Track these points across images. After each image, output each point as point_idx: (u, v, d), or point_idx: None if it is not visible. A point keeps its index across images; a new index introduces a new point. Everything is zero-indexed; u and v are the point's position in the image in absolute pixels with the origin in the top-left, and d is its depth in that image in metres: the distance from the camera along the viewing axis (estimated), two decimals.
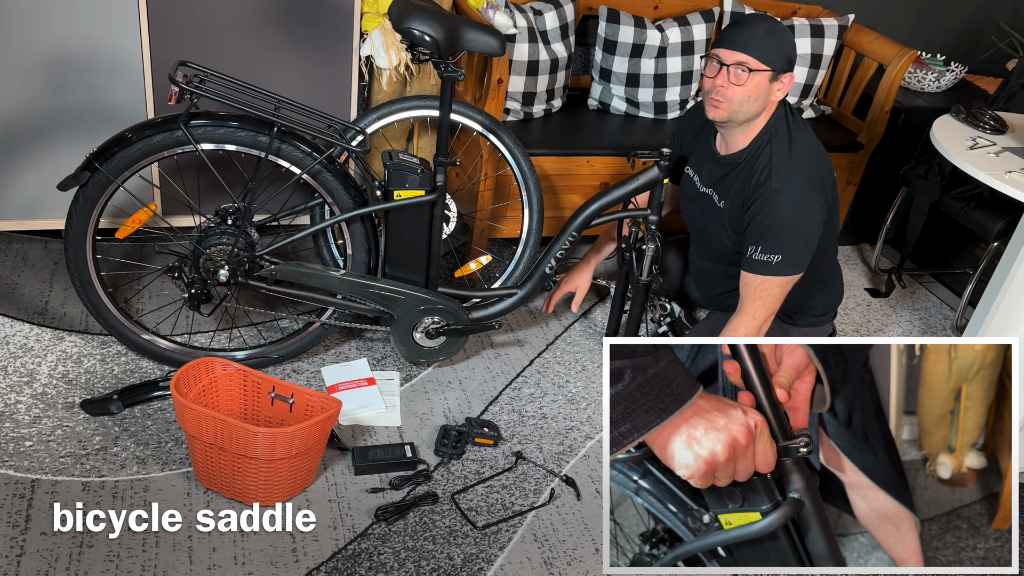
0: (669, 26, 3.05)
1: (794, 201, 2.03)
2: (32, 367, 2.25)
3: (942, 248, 3.56)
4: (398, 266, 2.32)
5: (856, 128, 3.22)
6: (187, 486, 1.98)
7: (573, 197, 2.87)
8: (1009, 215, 2.83)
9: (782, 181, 2.04)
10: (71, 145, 2.48)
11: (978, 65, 3.89)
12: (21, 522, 1.83)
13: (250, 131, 2.10)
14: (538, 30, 2.86)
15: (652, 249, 2.39)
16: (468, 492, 2.09)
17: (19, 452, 1.99)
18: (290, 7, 2.52)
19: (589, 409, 2.41)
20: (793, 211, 2.03)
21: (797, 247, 2.06)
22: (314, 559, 1.85)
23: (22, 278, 2.58)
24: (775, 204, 2.03)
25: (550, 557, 1.95)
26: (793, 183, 2.03)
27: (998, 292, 2.45)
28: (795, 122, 2.12)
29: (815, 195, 2.04)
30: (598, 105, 3.11)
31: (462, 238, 3.02)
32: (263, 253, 2.20)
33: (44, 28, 2.33)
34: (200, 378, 2.01)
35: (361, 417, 2.25)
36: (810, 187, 2.04)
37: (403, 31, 2.04)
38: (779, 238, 2.04)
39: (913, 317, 3.11)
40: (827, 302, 2.37)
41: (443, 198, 2.26)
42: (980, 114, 2.66)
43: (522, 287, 2.44)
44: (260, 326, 2.53)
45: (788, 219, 2.03)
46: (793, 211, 2.03)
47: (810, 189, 2.04)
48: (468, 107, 2.53)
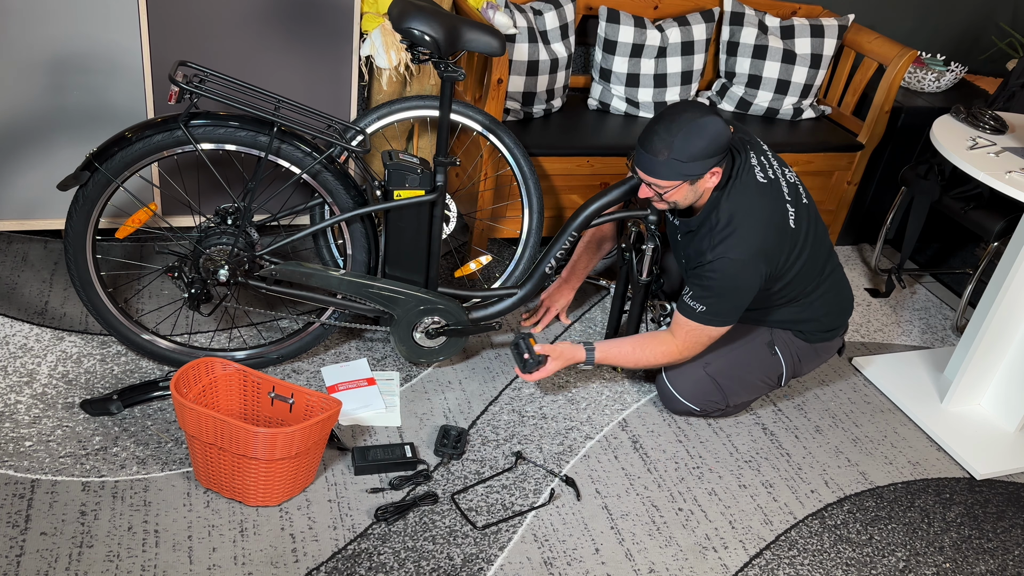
0: (669, 26, 3.05)
1: (730, 269, 2.08)
2: (32, 367, 2.25)
3: (942, 248, 3.56)
4: (398, 266, 2.32)
5: (856, 128, 3.22)
6: (187, 486, 1.98)
7: (573, 197, 2.87)
8: (1009, 215, 2.83)
9: (724, 250, 2.08)
10: (71, 145, 2.48)
11: (978, 65, 3.89)
12: (21, 522, 1.83)
13: (250, 131, 2.10)
14: (538, 30, 2.86)
15: (652, 249, 2.39)
16: (468, 492, 2.09)
17: (19, 452, 1.99)
18: (290, 7, 2.52)
19: (589, 409, 2.41)
20: (724, 276, 2.09)
21: (722, 306, 2.14)
22: (314, 559, 1.85)
23: (22, 278, 2.58)
24: (713, 267, 2.10)
25: (550, 557, 1.95)
26: (733, 253, 2.07)
27: (998, 292, 2.46)
28: (744, 191, 2.10)
29: (753, 264, 2.08)
30: (598, 105, 3.11)
31: (462, 238, 3.02)
32: (263, 253, 2.20)
33: (44, 28, 2.33)
34: (200, 378, 2.01)
35: (361, 417, 2.25)
36: (748, 256, 2.07)
37: (403, 31, 2.04)
38: (708, 292, 2.12)
39: (913, 317, 3.11)
40: (833, 318, 2.37)
41: (443, 198, 2.26)
42: (980, 114, 2.66)
43: (522, 287, 2.44)
44: (260, 326, 2.53)
45: (720, 282, 2.10)
46: (724, 276, 2.09)
47: (748, 258, 2.08)
48: (468, 107, 2.53)
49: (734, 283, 2.09)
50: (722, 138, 2.00)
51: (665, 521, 2.09)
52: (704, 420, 2.44)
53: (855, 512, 2.22)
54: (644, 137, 2.03)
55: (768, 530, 2.12)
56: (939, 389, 2.69)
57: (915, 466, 2.41)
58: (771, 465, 2.32)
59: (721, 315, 2.15)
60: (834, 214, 3.28)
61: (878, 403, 2.63)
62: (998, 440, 2.54)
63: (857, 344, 2.90)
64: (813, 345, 2.38)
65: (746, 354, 2.35)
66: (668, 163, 2.00)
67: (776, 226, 2.10)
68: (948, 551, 2.15)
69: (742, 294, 2.12)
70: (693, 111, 1.99)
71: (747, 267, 2.08)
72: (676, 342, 2.24)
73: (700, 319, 2.16)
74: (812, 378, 2.68)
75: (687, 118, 1.98)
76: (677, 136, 1.98)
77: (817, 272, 2.26)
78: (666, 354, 2.25)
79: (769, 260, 2.11)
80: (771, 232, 2.09)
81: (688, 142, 1.98)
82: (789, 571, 2.02)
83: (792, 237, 2.14)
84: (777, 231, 2.10)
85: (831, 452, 2.41)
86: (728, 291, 2.10)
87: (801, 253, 2.18)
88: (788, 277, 2.20)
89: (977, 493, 2.35)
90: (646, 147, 2.02)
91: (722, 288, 2.10)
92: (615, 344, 2.29)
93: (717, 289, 2.10)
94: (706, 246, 2.12)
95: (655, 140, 2.00)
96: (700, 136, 1.98)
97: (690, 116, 1.98)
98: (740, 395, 2.38)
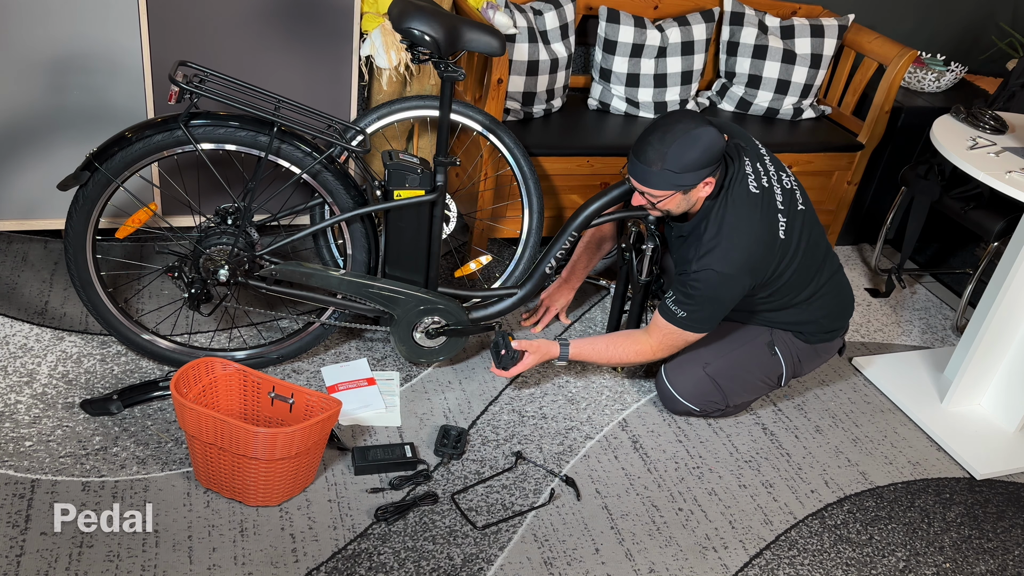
0: (669, 26, 3.05)
1: (713, 280, 2.10)
2: (32, 367, 2.25)
3: (942, 248, 3.56)
4: (398, 266, 2.32)
5: (856, 128, 3.22)
6: (187, 486, 1.97)
7: (573, 197, 2.87)
8: (1009, 215, 2.83)
9: (709, 261, 2.09)
10: (71, 145, 2.48)
11: (978, 65, 3.89)
12: (21, 522, 1.83)
13: (250, 131, 2.10)
14: (538, 30, 2.86)
15: (652, 249, 2.39)
16: (468, 492, 2.09)
17: (19, 452, 1.99)
18: (290, 7, 2.52)
19: (589, 409, 2.41)
20: (707, 287, 2.11)
21: (702, 314, 2.16)
22: (314, 559, 1.85)
23: (22, 278, 2.58)
24: (697, 277, 2.12)
25: (550, 557, 1.95)
26: (717, 266, 2.09)
27: (998, 292, 2.46)
28: (734, 203, 2.10)
29: (737, 277, 2.10)
30: (598, 105, 3.11)
31: (462, 238, 3.02)
32: (263, 253, 2.20)
33: (44, 28, 2.33)
34: (200, 378, 2.01)
35: (361, 417, 2.25)
36: (733, 270, 2.09)
37: (403, 31, 2.04)
38: (690, 299, 2.14)
39: (913, 317, 3.11)
40: (833, 320, 2.37)
41: (443, 198, 2.26)
42: (980, 114, 2.66)
43: (522, 287, 2.44)
44: (260, 326, 2.53)
45: (702, 292, 2.12)
46: (707, 287, 2.11)
47: (733, 272, 2.09)
48: (468, 107, 2.53)
49: (715, 294, 2.12)
50: (716, 149, 2.00)
51: (665, 521, 2.09)
52: (704, 420, 2.44)
53: (855, 512, 2.22)
54: (638, 147, 2.04)
55: (768, 530, 2.12)
56: (939, 389, 2.69)
57: (915, 466, 2.41)
58: (771, 465, 2.32)
59: (700, 322, 2.18)
60: (834, 214, 3.28)
61: (878, 403, 2.63)
62: (998, 440, 2.54)
63: (857, 344, 2.90)
64: (813, 346, 2.38)
65: (746, 354, 2.35)
66: (661, 174, 2.01)
67: (763, 241, 2.11)
68: (948, 551, 2.15)
69: (723, 304, 2.15)
70: (687, 122, 2.00)
71: (730, 280, 2.10)
72: (651, 342, 2.26)
73: (679, 324, 2.18)
74: (812, 378, 2.68)
75: (681, 129, 1.99)
76: (671, 147, 1.98)
77: (808, 280, 2.26)
78: (639, 353, 2.28)
79: (754, 273, 2.12)
80: (759, 248, 2.10)
81: (682, 153, 1.98)
82: (789, 571, 2.02)
83: (782, 248, 2.15)
84: (765, 246, 2.11)
85: (831, 452, 2.40)
86: (709, 301, 2.13)
87: (791, 262, 2.18)
88: (776, 285, 2.22)
89: (977, 493, 2.35)
90: (640, 157, 2.03)
91: (703, 298, 2.13)
92: (589, 342, 2.31)
93: (698, 298, 2.13)
94: (692, 255, 2.14)
95: (649, 151, 2.01)
96: (694, 147, 1.98)
97: (684, 127, 1.99)
98: (740, 395, 2.38)
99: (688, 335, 2.21)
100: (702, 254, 2.11)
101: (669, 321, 2.20)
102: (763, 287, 2.20)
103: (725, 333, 2.39)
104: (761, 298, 2.26)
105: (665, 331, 2.22)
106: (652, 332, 2.26)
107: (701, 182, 2.04)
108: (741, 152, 2.16)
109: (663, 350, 2.27)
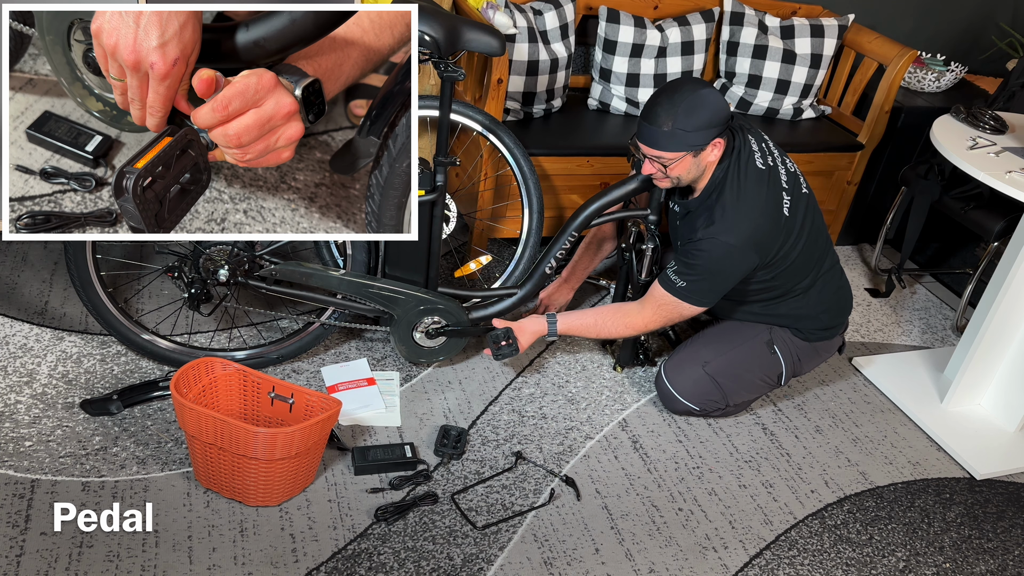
0: (669, 26, 3.05)
1: (718, 251, 2.09)
2: (32, 367, 2.25)
3: (942, 248, 3.56)
4: (398, 266, 2.32)
5: (856, 128, 3.22)
6: (187, 486, 1.97)
7: (573, 197, 2.87)
8: (1009, 215, 2.83)
9: (716, 231, 2.09)
10: None
11: (978, 65, 3.89)
12: (21, 522, 1.83)
13: None
14: (538, 30, 2.86)
15: (652, 249, 2.39)
16: (468, 492, 2.09)
17: (19, 452, 1.99)
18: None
19: (589, 409, 2.41)
20: (711, 258, 2.10)
21: (702, 286, 2.15)
22: (314, 559, 1.85)
23: (22, 278, 2.58)
24: (701, 246, 2.11)
25: (550, 557, 1.95)
26: (724, 236, 2.08)
27: (998, 292, 2.46)
28: (742, 174, 2.11)
29: (742, 250, 2.09)
30: (598, 105, 3.11)
31: (462, 238, 3.02)
32: (263, 253, 2.20)
33: None
34: (200, 378, 2.01)
35: (361, 417, 2.25)
36: (739, 242, 2.09)
37: None
38: (692, 270, 2.13)
39: (913, 317, 3.11)
40: (832, 316, 2.37)
41: (443, 198, 2.26)
42: (980, 114, 2.66)
43: (522, 287, 2.44)
44: (260, 326, 2.53)
45: (706, 262, 2.11)
46: (711, 258, 2.10)
47: (739, 244, 2.09)
48: (468, 107, 2.53)
49: (719, 266, 2.11)
50: (723, 109, 2.03)
51: (665, 521, 2.09)
52: (704, 420, 2.44)
53: (855, 512, 2.22)
54: (647, 111, 2.05)
55: (768, 530, 2.12)
56: (939, 389, 2.69)
57: (915, 466, 2.41)
58: (771, 465, 2.32)
59: (699, 294, 2.16)
60: (834, 214, 3.28)
61: (878, 403, 2.63)
62: (998, 440, 2.54)
63: (857, 344, 2.90)
64: (813, 344, 2.38)
65: (746, 353, 2.35)
66: (672, 133, 2.02)
67: (770, 215, 2.11)
68: (948, 551, 2.15)
69: (724, 278, 2.14)
70: (692, 84, 2.03)
71: (736, 252, 2.09)
72: (644, 313, 2.24)
73: (679, 294, 2.17)
74: (812, 378, 2.68)
75: (688, 89, 2.02)
76: (680, 106, 2.00)
77: (813, 264, 2.26)
78: (630, 325, 2.27)
79: (760, 250, 2.11)
80: (765, 220, 2.10)
81: (691, 112, 2.00)
82: (789, 571, 2.02)
83: (786, 225, 2.14)
84: (771, 220, 2.11)
85: (831, 452, 2.40)
86: (712, 273, 2.12)
87: (796, 243, 2.18)
88: (780, 267, 2.20)
89: (977, 493, 2.35)
90: (650, 119, 2.04)
91: (706, 269, 2.12)
92: (578, 315, 2.32)
93: (701, 269, 2.12)
94: (700, 224, 2.13)
95: (659, 111, 2.03)
96: (702, 107, 2.01)
97: (690, 88, 2.02)
98: (740, 394, 2.38)
99: (684, 307, 2.19)
100: (709, 223, 2.10)
101: (667, 290, 2.18)
102: (767, 268, 2.19)
103: (724, 332, 2.39)
104: (763, 283, 2.24)
105: (661, 301, 2.21)
106: (646, 303, 2.24)
107: (710, 143, 2.05)
108: (745, 130, 2.18)
109: (655, 321, 2.25)
